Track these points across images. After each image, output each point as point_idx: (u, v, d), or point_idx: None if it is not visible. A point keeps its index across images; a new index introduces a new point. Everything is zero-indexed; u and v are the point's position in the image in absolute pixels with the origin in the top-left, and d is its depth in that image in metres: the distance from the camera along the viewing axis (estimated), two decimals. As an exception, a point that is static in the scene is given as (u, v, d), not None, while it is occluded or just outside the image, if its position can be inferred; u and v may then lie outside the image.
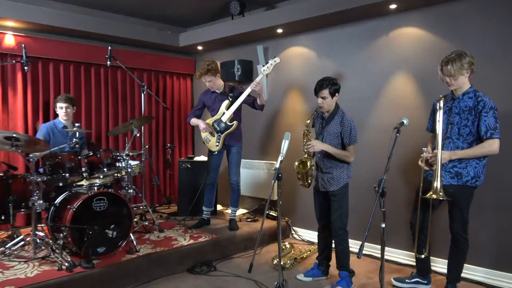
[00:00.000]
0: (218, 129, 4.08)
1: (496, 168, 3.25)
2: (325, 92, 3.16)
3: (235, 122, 4.07)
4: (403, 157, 3.77)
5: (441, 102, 2.84)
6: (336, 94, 3.21)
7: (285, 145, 2.75)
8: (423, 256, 3.05)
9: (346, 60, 4.23)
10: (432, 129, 3.10)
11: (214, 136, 4.10)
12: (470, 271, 3.41)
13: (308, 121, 3.29)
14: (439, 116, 2.82)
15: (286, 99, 4.87)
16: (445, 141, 2.89)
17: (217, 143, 4.09)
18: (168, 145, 5.48)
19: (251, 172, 5.14)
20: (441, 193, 2.68)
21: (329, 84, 3.16)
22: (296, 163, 3.28)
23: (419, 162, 2.97)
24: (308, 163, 3.27)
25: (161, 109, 5.66)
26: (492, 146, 2.76)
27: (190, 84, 6.02)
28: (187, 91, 5.96)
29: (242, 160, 5.19)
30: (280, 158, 2.72)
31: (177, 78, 5.84)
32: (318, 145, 3.17)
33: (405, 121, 2.67)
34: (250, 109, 4.25)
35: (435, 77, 3.31)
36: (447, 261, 3.04)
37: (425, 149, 2.96)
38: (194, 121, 4.26)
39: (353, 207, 3.38)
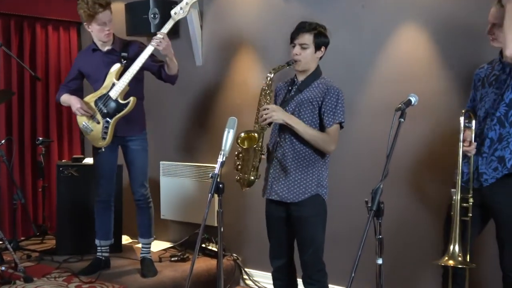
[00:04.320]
0: (105, 111, 4.00)
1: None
2: (307, 38, 3.19)
3: (131, 99, 3.99)
4: (411, 154, 3.85)
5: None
6: (322, 49, 3.26)
7: (228, 137, 2.74)
8: None
9: (326, 5, 4.26)
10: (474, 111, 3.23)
11: (99, 122, 4.02)
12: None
13: (271, 74, 3.26)
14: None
15: (232, 66, 4.85)
16: (490, 122, 3.01)
17: (104, 135, 4.01)
18: (40, 139, 5.35)
19: (175, 182, 5.11)
20: (460, 259, 2.87)
21: (315, 29, 3.20)
22: (241, 135, 3.22)
23: (464, 147, 3.03)
24: (259, 140, 3.22)
25: (27, 80, 5.55)
26: None
27: (76, 39, 5.92)
28: (71, 49, 5.86)
29: (161, 162, 5.20)
30: (220, 159, 2.70)
31: (55, 28, 5.74)
32: (279, 114, 3.14)
33: (413, 99, 2.71)
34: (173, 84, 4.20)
35: (467, 30, 3.41)
36: None
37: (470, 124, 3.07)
38: (65, 98, 4.17)
39: (332, 233, 3.41)
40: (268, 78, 3.26)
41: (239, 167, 3.27)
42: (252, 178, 3.25)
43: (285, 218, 3.31)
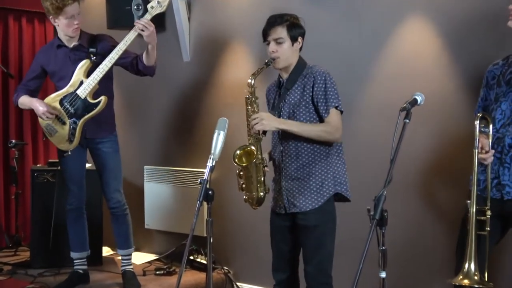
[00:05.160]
0: (72, 111, 3.99)
1: None
2: (281, 32, 3.17)
3: (102, 98, 4.00)
4: (417, 157, 3.86)
5: None
6: (299, 40, 3.24)
7: (218, 140, 2.75)
8: None
9: (324, -4, 4.26)
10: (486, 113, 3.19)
11: (64, 123, 4.01)
12: None
13: (251, 80, 3.25)
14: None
15: (222, 61, 4.86)
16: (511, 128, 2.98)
17: (71, 137, 4.02)
18: (13, 141, 5.39)
19: (160, 189, 5.13)
20: (476, 278, 2.82)
21: (287, 21, 3.19)
22: (237, 152, 3.21)
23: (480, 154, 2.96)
24: (257, 153, 3.21)
25: (-1, 77, 5.55)
26: None
27: (52, 32, 5.94)
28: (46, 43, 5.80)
29: (145, 167, 5.25)
30: (210, 163, 2.70)
31: (29, 21, 5.80)
32: (269, 120, 3.13)
33: (419, 99, 2.70)
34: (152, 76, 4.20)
35: (479, 23, 3.44)
36: None
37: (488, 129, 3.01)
38: (25, 100, 4.12)
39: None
40: (249, 85, 3.25)
41: (243, 186, 3.27)
42: (262, 194, 3.25)
43: (289, 227, 3.30)
